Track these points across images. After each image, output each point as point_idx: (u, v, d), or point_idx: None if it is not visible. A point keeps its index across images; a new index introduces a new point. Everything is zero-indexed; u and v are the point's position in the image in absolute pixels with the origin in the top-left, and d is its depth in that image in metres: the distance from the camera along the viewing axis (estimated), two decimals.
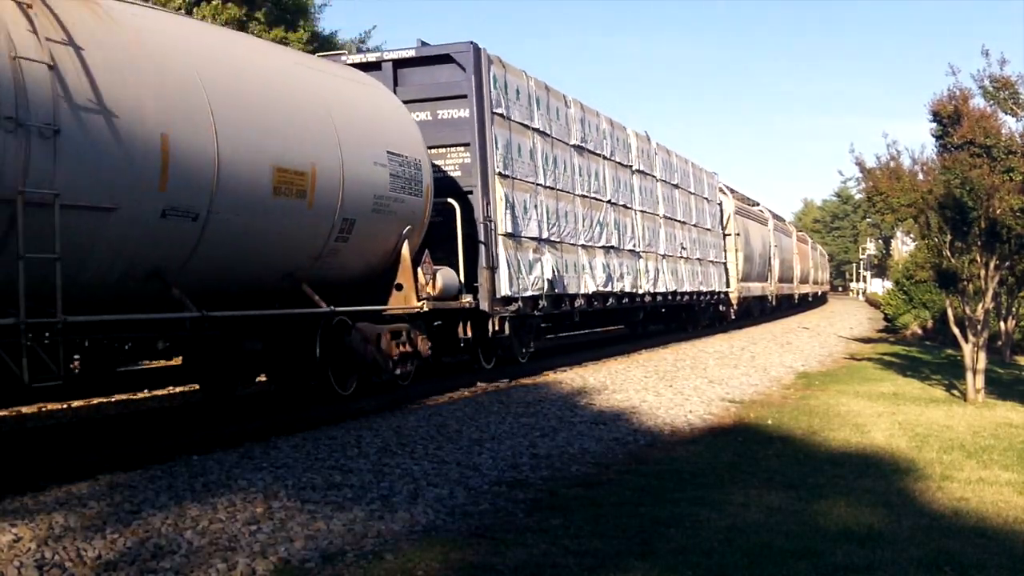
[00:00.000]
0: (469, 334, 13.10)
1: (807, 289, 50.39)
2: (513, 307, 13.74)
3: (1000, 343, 19.63)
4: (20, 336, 6.57)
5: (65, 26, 7.15)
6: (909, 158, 14.48)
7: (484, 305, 13.04)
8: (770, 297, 36.70)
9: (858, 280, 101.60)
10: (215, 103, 8.33)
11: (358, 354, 10.49)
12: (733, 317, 29.85)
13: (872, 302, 61.05)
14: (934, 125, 13.37)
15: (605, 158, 18.25)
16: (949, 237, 13.50)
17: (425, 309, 11.55)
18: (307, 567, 5.09)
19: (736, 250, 29.76)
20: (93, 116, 7.16)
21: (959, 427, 10.51)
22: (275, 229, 9.19)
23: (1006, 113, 12.67)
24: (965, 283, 13.75)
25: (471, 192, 13.16)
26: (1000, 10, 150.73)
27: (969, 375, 13.33)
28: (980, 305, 13.56)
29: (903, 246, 56.96)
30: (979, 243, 13.15)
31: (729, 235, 29.34)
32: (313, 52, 17.70)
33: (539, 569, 5.08)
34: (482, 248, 13.09)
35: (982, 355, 13.39)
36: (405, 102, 12.35)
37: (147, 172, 7.60)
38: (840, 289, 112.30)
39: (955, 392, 14.00)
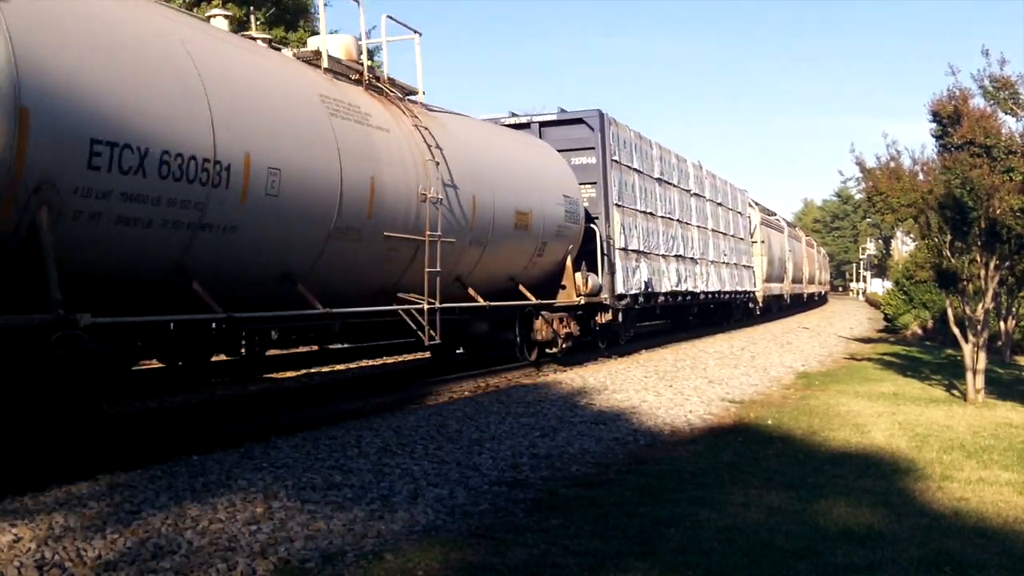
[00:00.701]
0: (602, 320, 17.80)
1: (813, 289, 54.90)
2: (623, 302, 18.43)
3: (1000, 343, 19.63)
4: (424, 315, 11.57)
5: (435, 136, 11.96)
6: (909, 158, 14.50)
7: (608, 300, 17.60)
8: (785, 296, 42.13)
9: (858, 280, 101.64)
10: (493, 176, 13.46)
11: (541, 332, 15.29)
12: (758, 313, 35.00)
13: (872, 302, 61.11)
14: (934, 125, 13.36)
15: (674, 185, 23.14)
16: (949, 237, 13.50)
17: (582, 303, 16.26)
18: (307, 567, 5.09)
19: (761, 255, 34.87)
20: (450, 190, 12.08)
21: (959, 427, 10.51)
22: (514, 250, 14.17)
23: (1006, 113, 12.66)
24: (965, 283, 13.74)
25: (597, 218, 17.68)
26: (1000, 10, 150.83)
27: (969, 375, 13.33)
28: (980, 305, 13.56)
29: (903, 246, 57.04)
30: (979, 243, 13.15)
31: (755, 243, 34.00)
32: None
33: (539, 569, 5.08)
34: (605, 259, 17.54)
35: (982, 355, 13.39)
36: None
37: (465, 219, 12.51)
38: (840, 289, 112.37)
39: (955, 392, 14.00)
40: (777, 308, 40.15)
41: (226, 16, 10.30)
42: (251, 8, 23.49)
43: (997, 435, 10.00)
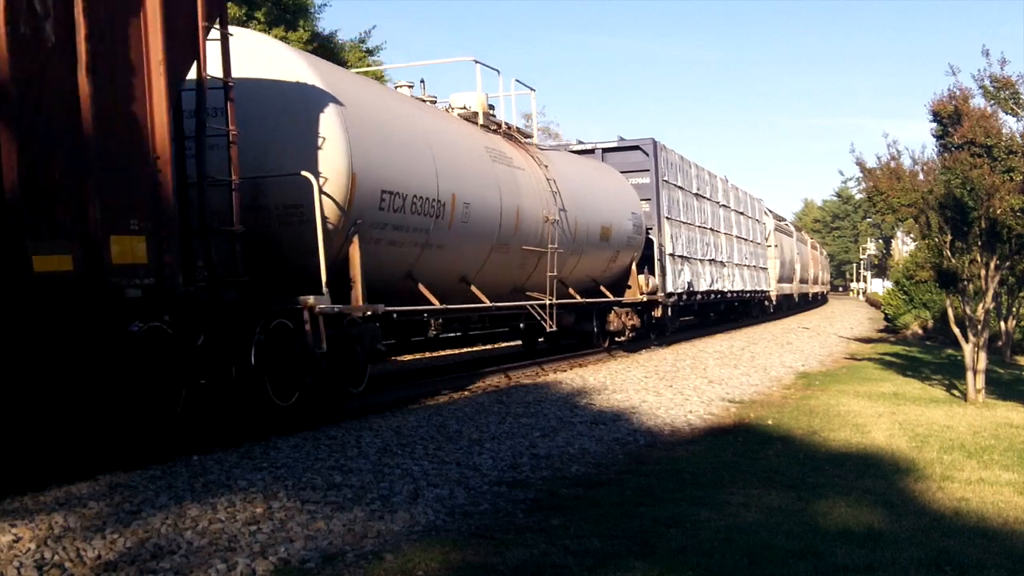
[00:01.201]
0: (657, 314, 21.11)
1: (816, 289, 58.08)
2: (672, 299, 21.75)
3: (1000, 343, 19.61)
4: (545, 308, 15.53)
5: (551, 172, 15.77)
6: (909, 158, 14.47)
7: (661, 298, 20.92)
8: (794, 295, 45.29)
9: (858, 280, 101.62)
10: (586, 199, 17.17)
11: (614, 323, 18.80)
12: (772, 310, 38.72)
13: (872, 302, 61.12)
14: (934, 125, 13.36)
15: (707, 199, 26.49)
16: (949, 237, 13.49)
17: (644, 299, 20.00)
18: (307, 567, 5.09)
19: (775, 258, 38.14)
20: (561, 212, 15.66)
21: (959, 427, 10.51)
22: (598, 257, 17.90)
23: (1006, 113, 12.66)
24: (965, 283, 13.73)
25: (651, 228, 20.96)
26: (1000, 10, 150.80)
27: (969, 375, 13.32)
28: (980, 305, 13.55)
29: (903, 246, 56.99)
30: (979, 243, 13.14)
31: (770, 247, 37.14)
32: (313, 52, 17.75)
33: (539, 569, 5.08)
34: (658, 263, 21.07)
35: (982, 355, 13.38)
36: None
37: (570, 234, 16.15)
38: (840, 289, 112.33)
39: (955, 392, 14.00)
40: (787, 306, 43.40)
41: (381, 78, 14.07)
42: (251, 8, 23.48)
43: (997, 435, 9.99)
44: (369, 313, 10.42)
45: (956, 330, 14.04)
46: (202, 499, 6.23)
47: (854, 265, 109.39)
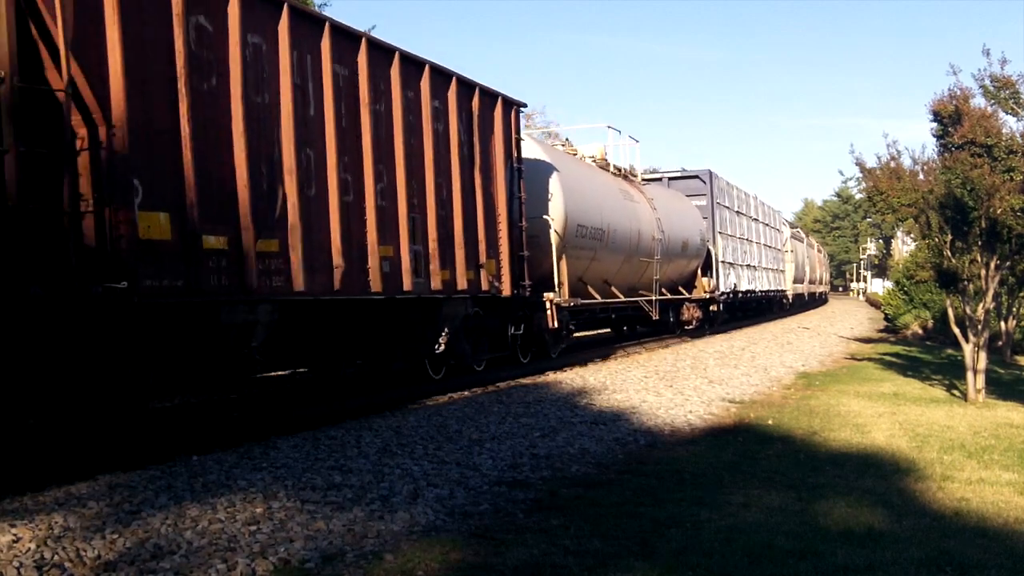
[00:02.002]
0: (714, 309, 26.92)
1: (820, 289, 62.43)
2: (723, 297, 27.21)
3: (1001, 343, 19.61)
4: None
5: (654, 203, 22.00)
6: (910, 158, 14.48)
7: (717, 296, 26.54)
8: (804, 294, 50.24)
9: (858, 280, 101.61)
10: (672, 220, 22.70)
11: (685, 315, 24.67)
12: (788, 307, 43.60)
13: (872, 302, 61.13)
14: (935, 125, 13.35)
15: (744, 214, 32.07)
16: (949, 237, 13.48)
17: (707, 297, 25.82)
18: (307, 567, 5.08)
19: (791, 262, 43.18)
20: (660, 232, 21.54)
21: (960, 427, 10.50)
22: (679, 263, 23.55)
23: (1007, 113, 12.65)
24: (965, 283, 13.73)
25: (708, 240, 26.29)
26: (1000, 10, 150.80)
27: (970, 375, 13.31)
28: (981, 305, 13.54)
29: (903, 246, 57.08)
30: (979, 243, 13.14)
31: (786, 252, 42.15)
32: None
33: (539, 569, 5.07)
34: (714, 268, 26.52)
35: (983, 355, 13.38)
36: None
37: (665, 246, 21.73)
38: (840, 289, 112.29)
39: (956, 392, 13.99)
40: (799, 304, 48.39)
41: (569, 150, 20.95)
42: None
43: (998, 435, 9.99)
44: (572, 303, 16.30)
45: (956, 330, 14.04)
46: (202, 499, 6.23)
47: (854, 265, 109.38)
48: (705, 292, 25.62)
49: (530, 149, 15.57)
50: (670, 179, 27.61)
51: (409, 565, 5.12)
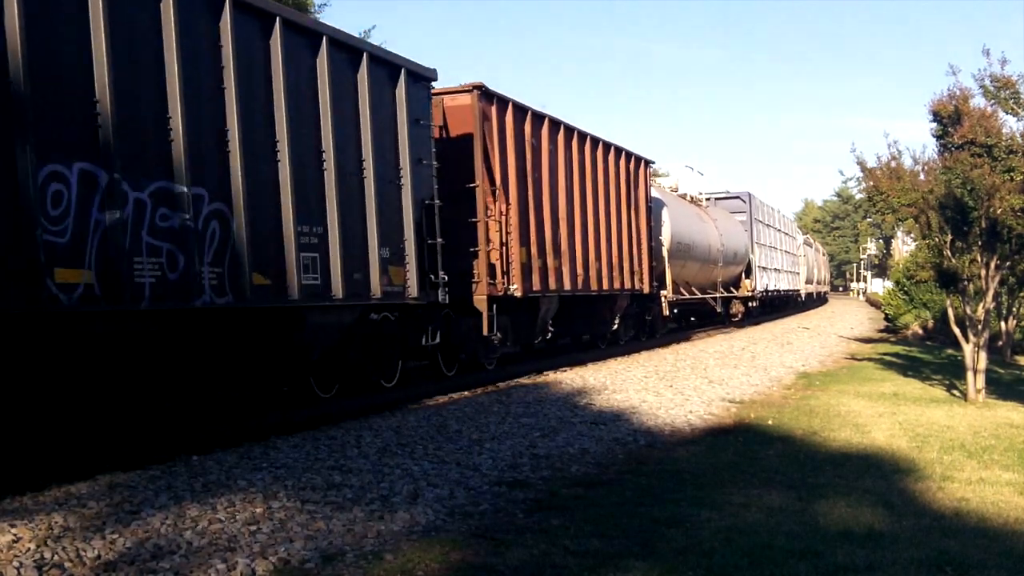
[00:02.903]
0: (752, 305, 33.82)
1: (823, 288, 66.51)
2: (759, 296, 33.99)
3: (1001, 343, 19.61)
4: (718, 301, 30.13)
5: (711, 216, 29.80)
6: (910, 158, 14.46)
7: (755, 294, 33.20)
8: (813, 293, 55.80)
9: (859, 280, 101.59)
10: (726, 234, 29.77)
11: (733, 308, 32.49)
12: (802, 303, 48.88)
13: (872, 302, 61.13)
14: (935, 125, 13.32)
15: (770, 225, 38.04)
16: (950, 237, 13.48)
17: (749, 294, 32.84)
18: (307, 567, 5.08)
19: (803, 265, 48.19)
20: (719, 243, 28.79)
21: (960, 427, 10.50)
22: (731, 267, 30.71)
23: (1007, 113, 12.62)
24: (966, 283, 13.73)
25: (749, 249, 32.45)
26: (1000, 10, 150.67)
27: (970, 375, 13.31)
28: (981, 305, 13.54)
29: (904, 246, 56.97)
30: (980, 243, 13.13)
31: (800, 256, 47.10)
32: None
33: (539, 569, 5.07)
34: (752, 272, 32.81)
35: (983, 355, 13.37)
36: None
37: (723, 254, 29.10)
38: (840, 289, 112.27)
39: (956, 392, 13.99)
40: (810, 301, 53.52)
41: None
42: None
43: (998, 435, 9.99)
44: (674, 298, 22.83)
45: (956, 330, 14.03)
46: (202, 499, 6.23)
47: (854, 265, 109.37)
48: (748, 291, 32.78)
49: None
50: (716, 199, 33.44)
51: (409, 565, 5.12)
